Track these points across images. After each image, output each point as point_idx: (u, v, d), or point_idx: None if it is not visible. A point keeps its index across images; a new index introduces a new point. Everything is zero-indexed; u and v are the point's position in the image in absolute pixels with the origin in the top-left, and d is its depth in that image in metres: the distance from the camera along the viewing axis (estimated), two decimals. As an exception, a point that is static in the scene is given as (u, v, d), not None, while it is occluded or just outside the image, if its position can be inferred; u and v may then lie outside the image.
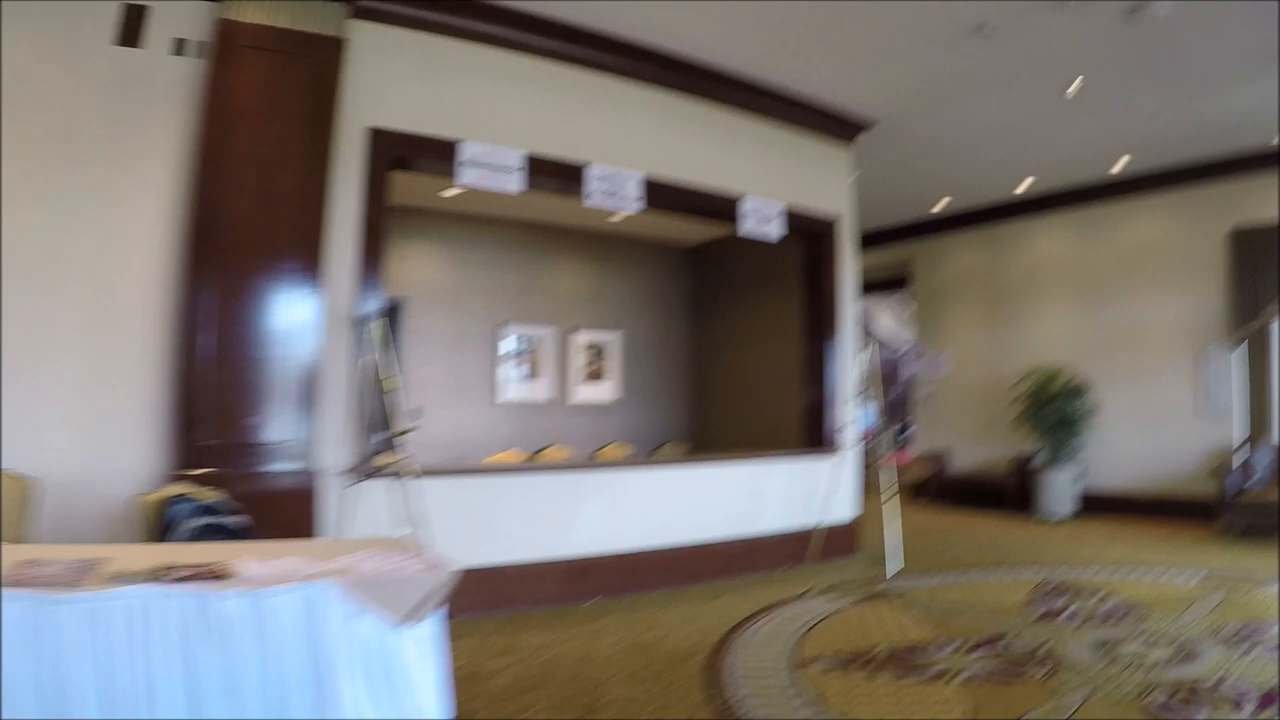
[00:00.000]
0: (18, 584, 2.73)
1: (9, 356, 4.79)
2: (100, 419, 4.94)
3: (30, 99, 4.95)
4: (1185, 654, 4.80)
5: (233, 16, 5.18)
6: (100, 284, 5.00)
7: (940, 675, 4.58)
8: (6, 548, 3.54)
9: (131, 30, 5.13)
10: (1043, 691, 4.29)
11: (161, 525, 3.96)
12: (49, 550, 3.32)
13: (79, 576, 2.84)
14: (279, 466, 5.10)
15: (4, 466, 4.52)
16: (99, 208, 5.03)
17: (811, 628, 5.57)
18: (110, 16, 5.10)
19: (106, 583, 2.79)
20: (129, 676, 2.66)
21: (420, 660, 3.00)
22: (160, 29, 5.20)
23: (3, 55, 4.85)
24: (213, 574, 2.92)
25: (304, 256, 5.25)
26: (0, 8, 4.82)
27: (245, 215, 5.13)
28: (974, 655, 4.90)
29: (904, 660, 4.86)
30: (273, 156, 5.20)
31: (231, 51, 5.17)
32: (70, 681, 2.62)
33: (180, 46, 5.23)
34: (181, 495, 4.13)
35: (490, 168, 6.20)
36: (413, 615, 2.96)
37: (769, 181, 8.03)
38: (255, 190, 5.16)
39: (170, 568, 2.95)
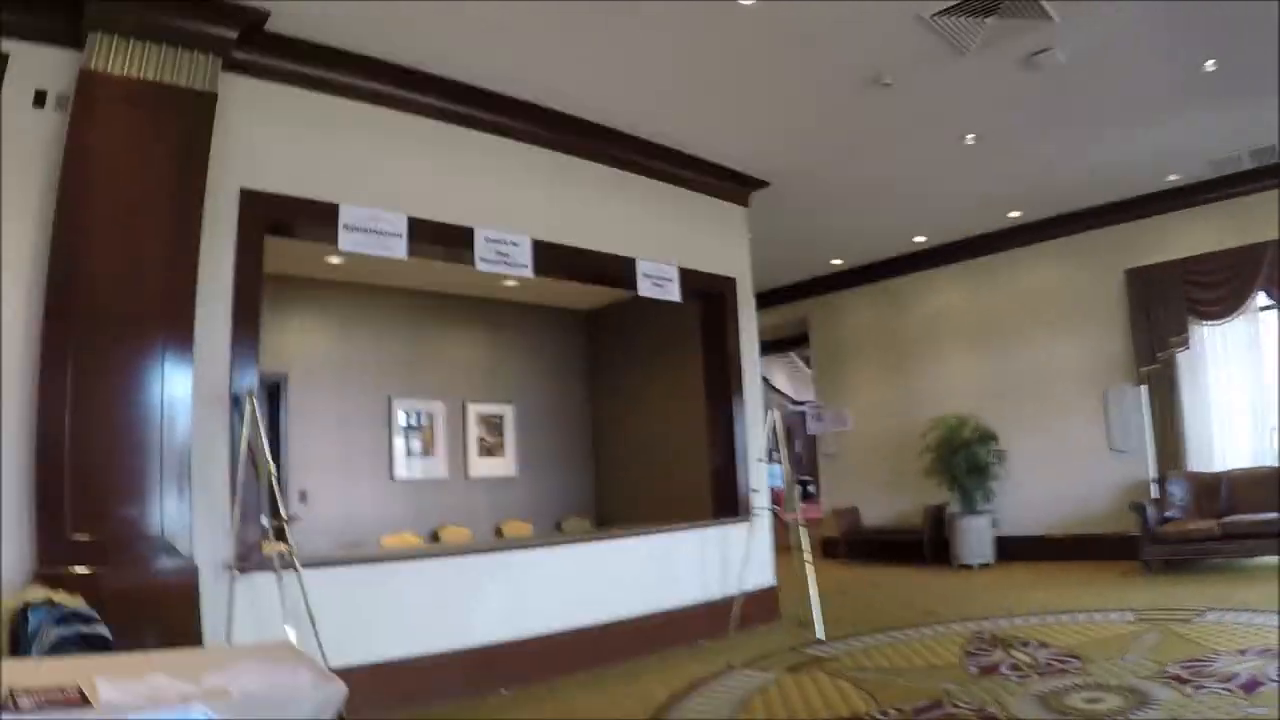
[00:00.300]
0: None
1: None
2: None
3: None
4: (1138, 699, 4.59)
5: (96, 67, 4.74)
6: None
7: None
8: None
9: None
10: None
11: (18, 636, 3.47)
12: None
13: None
14: (156, 562, 4.57)
15: None
16: None
17: (744, 705, 5.23)
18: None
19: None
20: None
21: (316, 788, 2.59)
22: (21, 79, 4.74)
23: None
24: (65, 701, 2.49)
25: (174, 327, 4.76)
26: None
27: (109, 282, 4.62)
28: (920, 724, 4.63)
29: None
30: (139, 219, 4.74)
31: (94, 105, 4.72)
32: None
33: (40, 99, 4.77)
34: (41, 601, 3.64)
35: (373, 233, 5.84)
36: (304, 734, 2.56)
37: (665, 242, 7.86)
38: (119, 255, 4.67)
39: (16, 693, 2.51)
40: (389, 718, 5.09)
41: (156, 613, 4.36)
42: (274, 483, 4.97)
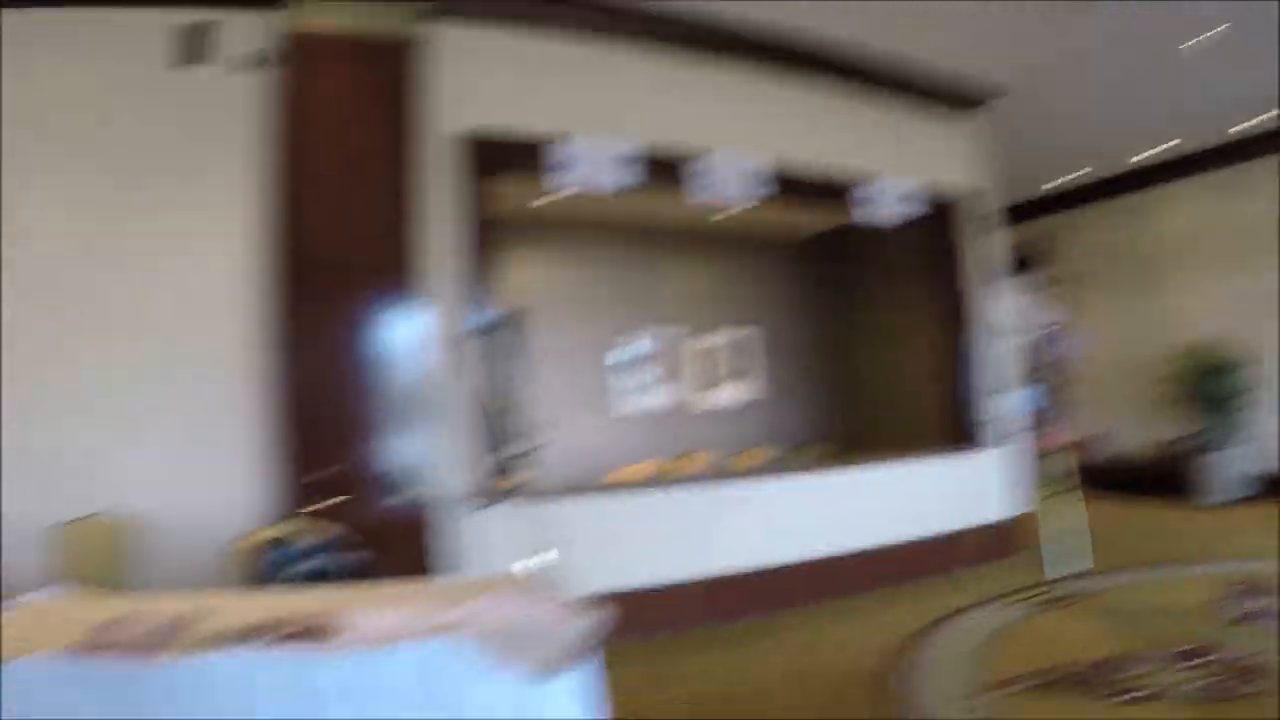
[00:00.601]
0: (99, 650, 2.42)
1: (102, 397, 4.67)
2: (202, 457, 4.72)
3: (104, 131, 4.84)
4: None
5: (302, 27, 4.90)
6: (190, 318, 4.81)
7: (1155, 695, 3.95)
8: (95, 602, 3.31)
9: (197, 49, 4.92)
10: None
11: (266, 569, 3.64)
12: (140, 605, 3.01)
13: (164, 640, 2.50)
14: (395, 497, 4.75)
15: (102, 510, 4.34)
16: (183, 239, 4.86)
17: (992, 642, 4.95)
18: (175, 37, 4.92)
19: (195, 646, 2.44)
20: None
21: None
22: (229, 44, 4.97)
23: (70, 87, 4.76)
24: (316, 632, 2.54)
25: (401, 273, 4.89)
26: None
27: (334, 234, 4.82)
28: (1183, 670, 4.21)
29: (1108, 677, 4.22)
30: (357, 170, 4.89)
31: (304, 63, 4.88)
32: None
33: (251, 61, 4.96)
34: (288, 535, 3.81)
35: (594, 166, 5.77)
36: (551, 667, 2.51)
37: (893, 162, 7.41)
38: (342, 207, 4.85)
39: (269, 625, 2.59)
40: (630, 648, 5.10)
41: (397, 547, 4.52)
42: (510, 417, 5.02)
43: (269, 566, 3.61)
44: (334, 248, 4.80)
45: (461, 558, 4.93)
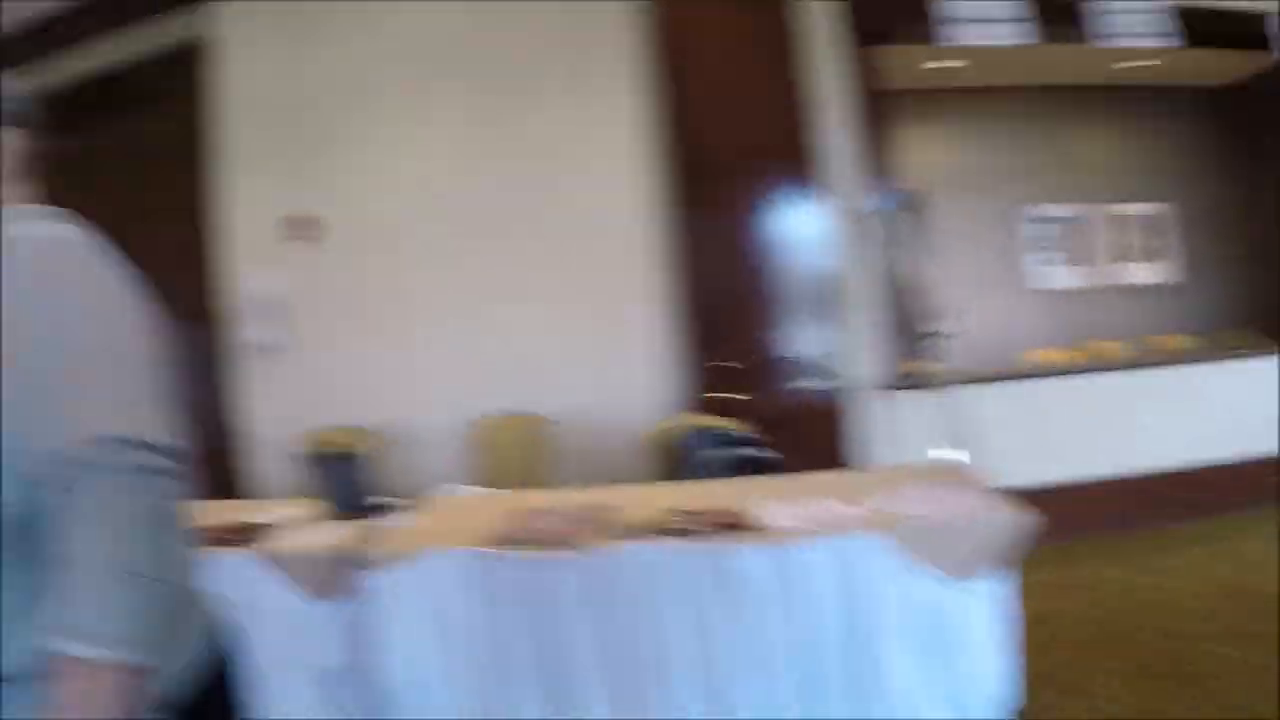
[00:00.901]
0: (515, 542, 2.59)
1: (511, 298, 5.04)
2: (608, 352, 4.99)
3: (483, 50, 5.15)
4: None
5: None
6: (587, 219, 5.04)
7: None
8: (513, 496, 3.57)
9: None
10: None
11: (678, 461, 3.74)
12: (555, 498, 3.20)
13: (577, 531, 2.64)
14: (802, 384, 4.73)
15: (516, 406, 4.68)
16: (571, 144, 5.06)
17: None
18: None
19: (608, 537, 2.56)
20: (634, 641, 2.41)
21: (981, 624, 2.45)
22: None
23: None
24: (731, 524, 2.59)
25: (793, 156, 4.79)
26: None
27: (721, 124, 4.79)
28: None
29: None
30: (737, 55, 4.80)
31: None
32: (572, 644, 2.43)
33: None
34: (699, 426, 3.88)
35: (982, 21, 5.22)
36: (971, 568, 2.41)
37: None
38: (728, 95, 4.80)
39: (682, 515, 2.66)
40: (1040, 543, 4.80)
41: (808, 436, 4.52)
42: (916, 300, 4.82)
43: (681, 458, 3.70)
44: (724, 135, 4.79)
45: (871, 447, 4.86)
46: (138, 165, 5.75)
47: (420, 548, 2.64)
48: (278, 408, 5.47)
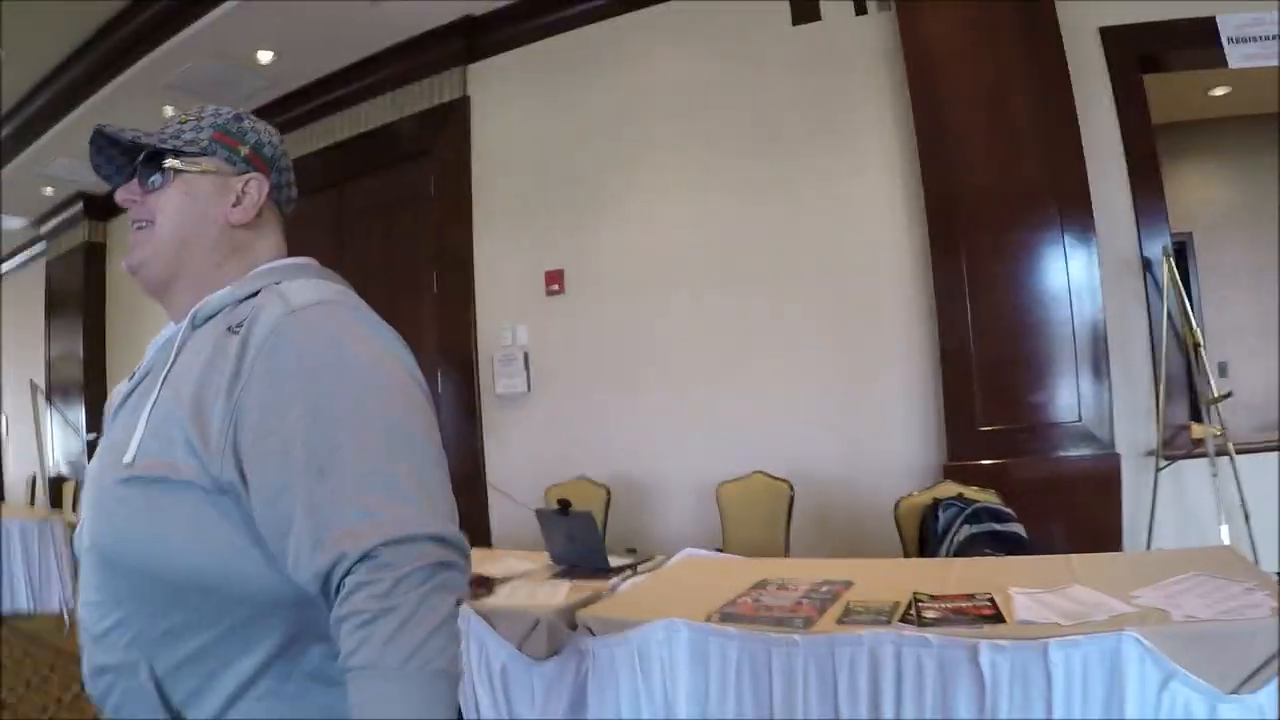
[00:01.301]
0: (747, 619, 2.44)
1: (757, 360, 4.93)
2: (861, 412, 4.72)
3: (730, 102, 5.11)
4: None
5: None
6: (841, 271, 4.84)
7: None
8: (749, 564, 3.41)
9: (806, 6, 4.94)
10: None
11: (929, 533, 3.46)
12: (792, 569, 3.02)
13: (815, 611, 2.44)
14: (1069, 451, 4.28)
15: (760, 468, 4.51)
16: (824, 193, 4.89)
17: None
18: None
19: (847, 620, 2.34)
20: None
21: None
22: None
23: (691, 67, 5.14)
24: (979, 611, 2.31)
25: (1067, 196, 4.36)
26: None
27: (982, 166, 4.45)
28: None
29: None
30: (996, 92, 4.45)
31: None
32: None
33: (862, 6, 4.84)
34: (951, 497, 3.59)
35: (1264, 40, 4.67)
36: (1249, 681, 2.02)
37: None
38: (987, 135, 4.46)
39: (924, 600, 2.41)
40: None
41: (1071, 507, 4.08)
42: (1201, 355, 4.30)
43: (932, 531, 3.42)
44: (985, 180, 4.45)
45: (1141, 524, 4.31)
46: (402, 214, 6.31)
47: (645, 615, 2.52)
48: (519, 457, 5.67)
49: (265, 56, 6.08)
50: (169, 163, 1.26)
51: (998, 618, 2.26)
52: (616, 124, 5.51)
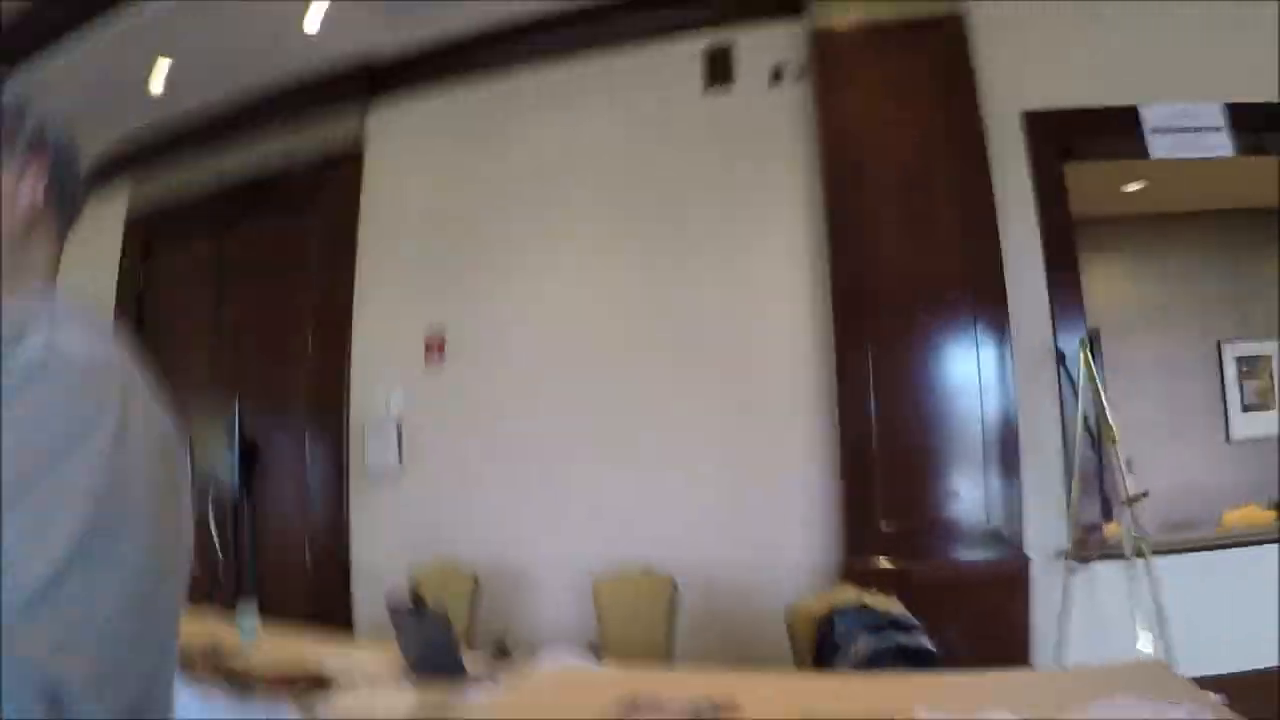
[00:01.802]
0: None
1: (645, 443, 4.66)
2: (753, 505, 4.45)
3: (636, 169, 4.92)
4: None
5: (828, 25, 4.48)
6: (739, 352, 4.60)
7: None
8: (621, 675, 3.19)
9: (719, 71, 4.82)
10: None
11: (823, 643, 3.13)
12: (669, 683, 2.69)
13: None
14: (975, 553, 4.03)
15: (640, 562, 4.23)
16: (725, 268, 4.71)
17: None
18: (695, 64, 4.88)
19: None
20: None
21: None
22: (750, 61, 4.78)
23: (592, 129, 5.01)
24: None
25: (978, 287, 4.20)
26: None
27: (895, 249, 4.28)
28: None
29: None
30: (913, 173, 4.31)
31: (835, 66, 4.48)
32: None
33: (777, 74, 4.71)
34: (851, 603, 3.27)
35: (1186, 131, 4.57)
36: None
37: None
38: (902, 218, 4.30)
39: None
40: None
41: (978, 613, 3.83)
42: (1105, 453, 4.10)
43: (827, 641, 3.09)
44: (903, 268, 4.28)
45: (1054, 633, 4.06)
46: (284, 268, 5.90)
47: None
48: (393, 536, 5.24)
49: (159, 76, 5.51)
50: None
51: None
52: (516, 186, 5.23)
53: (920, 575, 3.89)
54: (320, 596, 5.29)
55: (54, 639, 0.75)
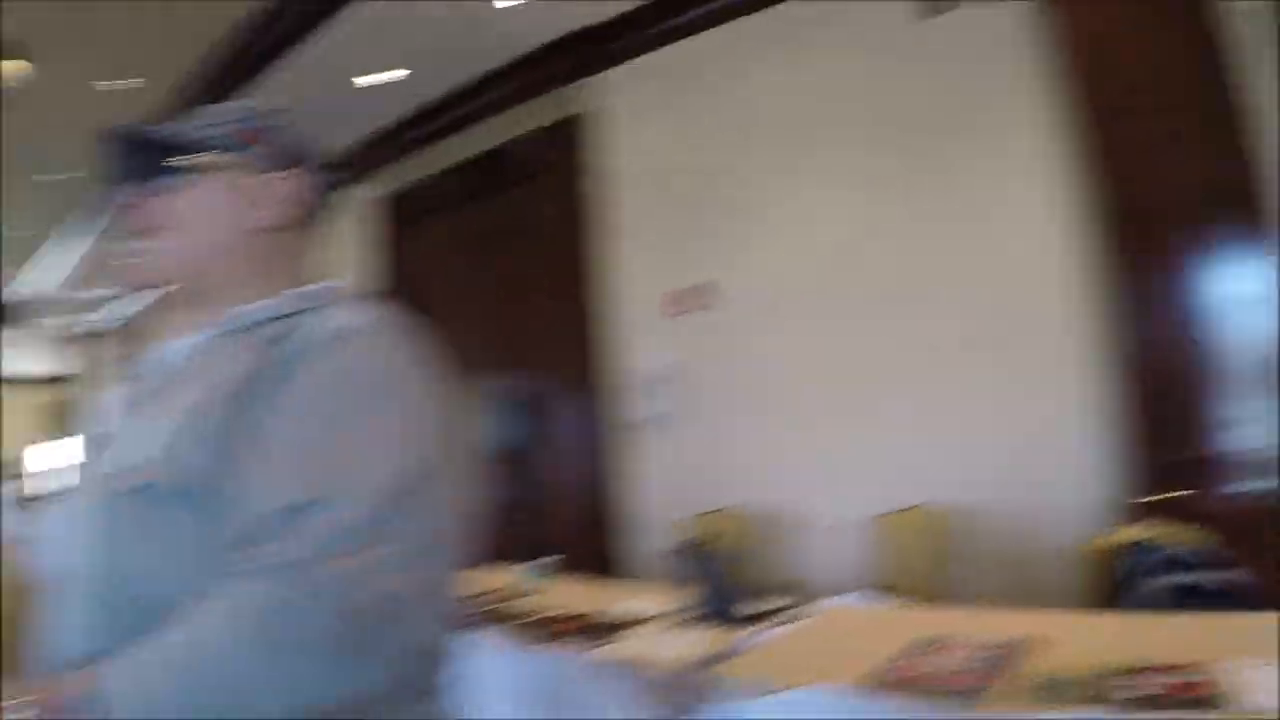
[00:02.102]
0: (902, 684, 2.10)
1: (917, 382, 4.51)
2: (1033, 439, 4.19)
3: (885, 103, 4.73)
4: None
5: None
6: (1005, 285, 4.34)
7: None
8: (904, 615, 3.12)
9: None
10: None
11: (1121, 581, 2.99)
12: (960, 623, 2.61)
13: (983, 680, 2.07)
14: (1257, 486, 3.71)
15: (923, 501, 4.17)
16: (984, 201, 4.44)
17: None
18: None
19: (1020, 696, 1.96)
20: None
21: None
22: None
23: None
24: (1192, 690, 1.89)
25: (1242, 206, 3.75)
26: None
27: (1154, 166, 3.92)
28: None
29: None
30: (1168, 86, 3.92)
31: None
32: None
33: None
34: (1150, 538, 3.09)
35: None
36: None
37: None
38: (1158, 132, 3.91)
39: (1127, 671, 2.00)
40: None
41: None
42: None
43: (1124, 579, 2.95)
44: (1159, 179, 3.93)
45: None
46: (525, 240, 6.19)
47: (786, 679, 2.21)
48: (662, 486, 5.38)
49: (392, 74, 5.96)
50: (188, 161, 1.11)
51: (1219, 699, 1.83)
52: (759, 134, 5.20)
53: (1222, 511, 3.56)
54: (599, 545, 5.53)
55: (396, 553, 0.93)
